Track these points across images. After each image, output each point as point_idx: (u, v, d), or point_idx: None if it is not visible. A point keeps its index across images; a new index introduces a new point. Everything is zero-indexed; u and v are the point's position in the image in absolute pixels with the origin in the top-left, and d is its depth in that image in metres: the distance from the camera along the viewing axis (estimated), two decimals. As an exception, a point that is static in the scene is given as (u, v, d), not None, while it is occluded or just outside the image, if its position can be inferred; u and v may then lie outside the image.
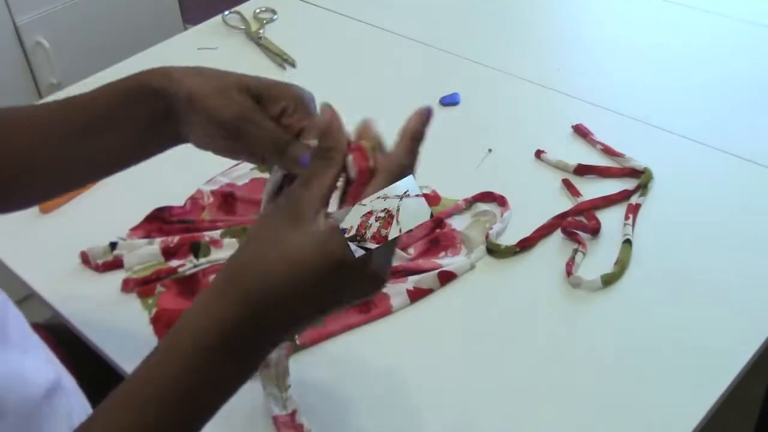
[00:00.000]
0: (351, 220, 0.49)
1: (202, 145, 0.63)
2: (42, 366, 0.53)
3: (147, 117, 0.62)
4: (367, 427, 0.69)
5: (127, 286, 0.82)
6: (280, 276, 0.48)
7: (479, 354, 0.74)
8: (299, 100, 0.59)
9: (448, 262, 0.82)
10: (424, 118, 0.51)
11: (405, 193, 0.50)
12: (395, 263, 0.82)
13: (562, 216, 0.87)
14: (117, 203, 0.93)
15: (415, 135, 0.50)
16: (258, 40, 1.21)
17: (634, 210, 0.87)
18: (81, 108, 0.64)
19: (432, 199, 0.90)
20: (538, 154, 0.96)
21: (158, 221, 0.89)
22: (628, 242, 0.83)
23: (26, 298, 1.88)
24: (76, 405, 0.55)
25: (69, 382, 0.56)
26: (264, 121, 0.57)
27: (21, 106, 0.66)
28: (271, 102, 0.59)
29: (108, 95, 0.63)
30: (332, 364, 0.74)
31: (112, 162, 0.67)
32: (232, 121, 0.57)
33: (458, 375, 0.73)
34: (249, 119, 0.57)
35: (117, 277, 0.83)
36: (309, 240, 0.48)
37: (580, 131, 0.99)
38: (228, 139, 0.59)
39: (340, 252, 0.47)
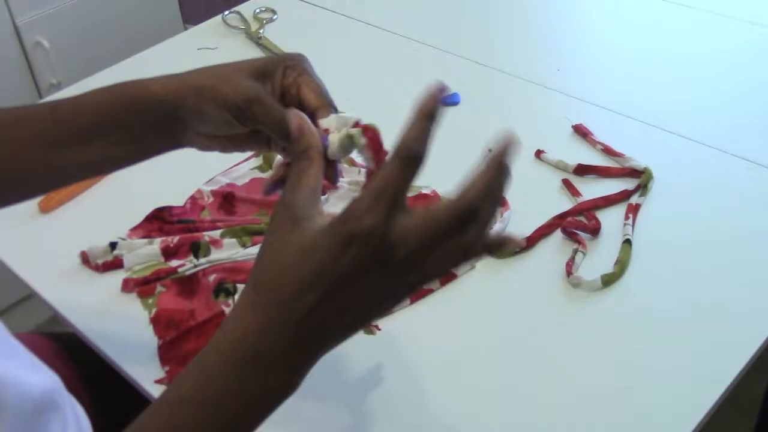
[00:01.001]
0: None
1: (206, 144, 0.64)
2: (33, 370, 0.52)
3: (144, 123, 0.62)
4: (367, 427, 0.69)
5: (127, 286, 0.82)
6: (296, 267, 0.48)
7: (479, 354, 0.74)
8: (294, 60, 0.61)
9: (448, 262, 0.82)
10: (435, 96, 0.51)
11: None
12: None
13: (562, 216, 0.87)
14: (117, 203, 0.93)
15: (426, 114, 0.50)
16: (258, 40, 1.21)
17: (634, 210, 0.87)
18: (73, 113, 0.64)
19: (432, 199, 0.90)
20: (538, 154, 0.96)
21: (158, 221, 0.89)
22: (628, 242, 0.83)
23: (26, 298, 1.88)
24: (70, 412, 0.55)
25: (61, 388, 0.56)
26: (273, 102, 0.59)
27: (6, 109, 0.66)
28: (272, 73, 0.61)
29: (104, 101, 0.63)
30: (332, 364, 0.74)
31: (101, 167, 0.68)
32: (244, 101, 0.59)
33: (458, 375, 0.73)
34: (260, 100, 0.59)
35: (117, 277, 0.83)
36: (313, 230, 0.49)
37: (580, 131, 0.99)
38: (236, 127, 0.60)
39: (349, 227, 0.47)
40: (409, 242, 0.47)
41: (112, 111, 0.63)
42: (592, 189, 0.90)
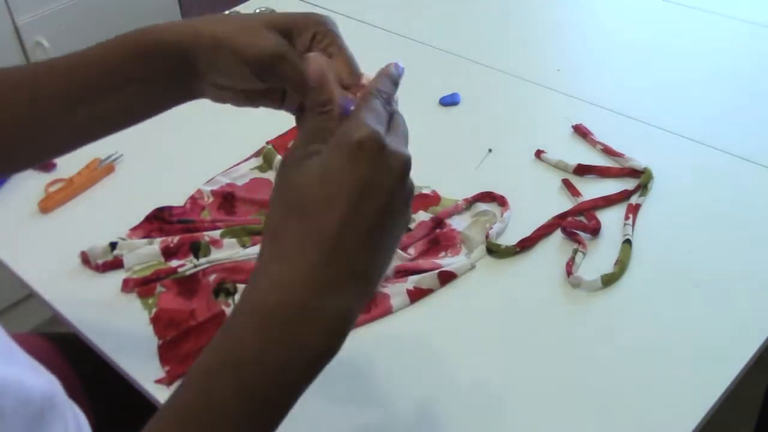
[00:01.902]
0: None
1: (219, 95, 0.62)
2: (32, 374, 0.52)
3: (157, 74, 0.60)
4: (367, 426, 0.69)
5: (127, 286, 0.82)
6: (312, 196, 0.46)
7: (479, 354, 0.74)
8: (325, 26, 0.58)
9: (448, 262, 0.82)
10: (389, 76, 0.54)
11: None
12: (396, 262, 0.82)
13: (562, 216, 0.87)
14: (117, 203, 0.93)
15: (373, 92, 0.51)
16: (258, 40, 1.20)
17: (634, 210, 0.87)
18: (85, 67, 0.61)
19: (432, 199, 0.90)
20: (538, 154, 0.96)
21: (158, 221, 0.89)
22: (628, 242, 0.83)
23: (26, 298, 1.88)
24: (69, 415, 0.54)
25: (60, 391, 0.55)
26: (298, 59, 0.56)
27: (20, 66, 0.64)
28: (299, 34, 0.57)
29: (114, 53, 0.60)
30: (332, 363, 0.74)
31: (118, 122, 0.65)
32: (269, 57, 0.56)
33: (458, 375, 0.73)
34: (284, 57, 0.56)
35: (117, 277, 0.83)
36: (317, 160, 0.47)
37: (580, 131, 0.99)
38: (254, 82, 0.57)
39: (354, 137, 0.46)
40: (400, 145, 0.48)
41: (122, 63, 0.60)
42: (592, 189, 0.90)
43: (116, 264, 0.84)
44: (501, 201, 0.89)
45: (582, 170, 0.93)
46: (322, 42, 0.57)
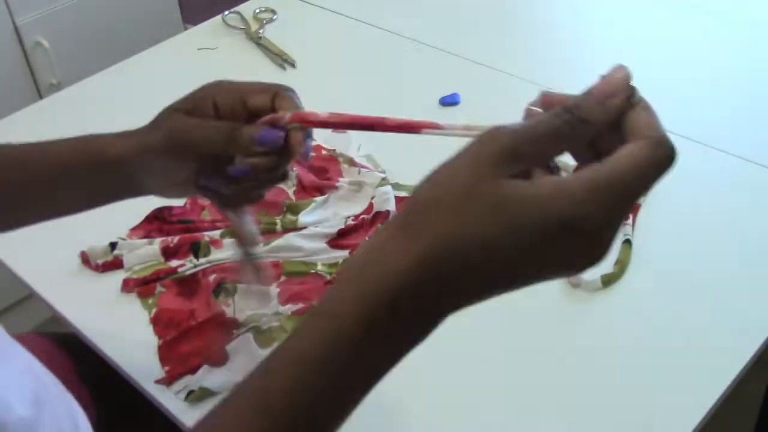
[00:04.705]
0: None
1: (171, 194, 0.67)
2: (21, 377, 0.52)
3: (102, 185, 0.66)
4: (364, 426, 0.69)
5: (127, 286, 0.82)
6: (486, 223, 0.40)
7: (479, 354, 0.74)
8: (278, 87, 0.58)
9: (448, 262, 0.82)
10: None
11: None
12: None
13: (562, 216, 0.86)
14: (117, 203, 0.93)
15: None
16: (258, 40, 1.21)
17: (634, 210, 0.87)
18: (37, 166, 0.65)
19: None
20: (538, 154, 0.96)
21: (158, 221, 0.89)
22: (628, 242, 0.83)
23: (26, 298, 1.88)
24: (64, 415, 0.54)
25: (55, 391, 0.55)
26: (203, 120, 0.57)
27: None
28: (252, 97, 0.58)
29: (65, 157, 0.64)
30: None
31: (64, 213, 0.70)
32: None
33: (457, 375, 0.73)
34: (185, 128, 0.57)
35: (117, 277, 0.83)
36: (531, 191, 0.40)
37: (580, 131, 0.99)
38: (180, 168, 0.60)
39: (568, 211, 0.39)
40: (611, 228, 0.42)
41: (75, 167, 0.64)
42: (592, 189, 0.90)
43: (116, 264, 0.84)
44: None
45: (582, 170, 0.92)
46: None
